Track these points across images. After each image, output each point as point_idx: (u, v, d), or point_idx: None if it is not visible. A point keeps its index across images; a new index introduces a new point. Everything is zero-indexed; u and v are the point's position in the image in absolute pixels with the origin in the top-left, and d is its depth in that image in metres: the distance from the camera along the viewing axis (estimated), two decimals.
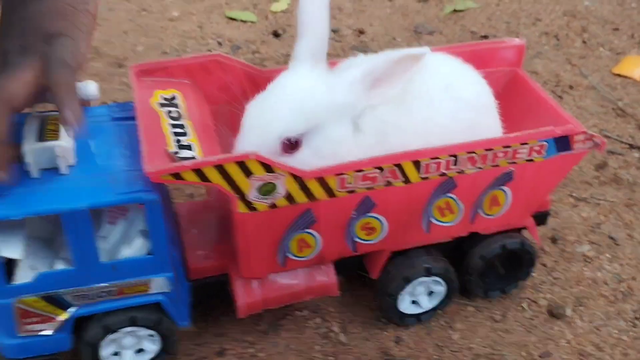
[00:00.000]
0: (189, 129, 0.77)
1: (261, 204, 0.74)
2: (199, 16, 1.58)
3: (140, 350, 0.83)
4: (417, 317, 0.91)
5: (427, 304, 0.90)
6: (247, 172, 0.71)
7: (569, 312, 0.95)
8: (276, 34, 1.52)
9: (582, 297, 0.97)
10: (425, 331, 0.91)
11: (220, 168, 0.70)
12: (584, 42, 1.52)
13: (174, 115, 0.79)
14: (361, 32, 1.54)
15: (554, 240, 1.05)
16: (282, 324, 0.92)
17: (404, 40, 1.52)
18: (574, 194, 1.13)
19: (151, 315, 0.79)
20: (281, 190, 0.73)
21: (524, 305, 0.96)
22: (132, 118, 0.79)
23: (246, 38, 1.50)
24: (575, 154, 0.83)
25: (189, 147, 0.74)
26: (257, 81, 0.86)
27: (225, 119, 0.84)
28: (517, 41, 0.95)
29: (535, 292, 0.97)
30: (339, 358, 0.88)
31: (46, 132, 0.73)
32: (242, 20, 1.57)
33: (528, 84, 0.93)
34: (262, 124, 0.74)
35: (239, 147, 0.76)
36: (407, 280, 0.86)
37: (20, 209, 0.68)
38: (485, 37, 1.51)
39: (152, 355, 0.83)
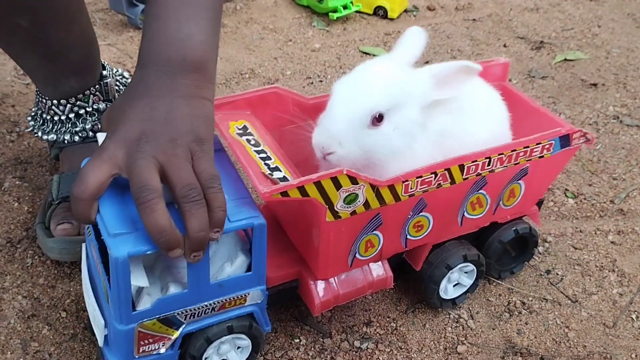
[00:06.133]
0: (269, 153, 0.87)
1: (344, 212, 0.85)
2: (337, 49, 1.81)
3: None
4: (453, 301, 1.06)
5: (467, 283, 1.05)
6: (338, 186, 0.82)
7: None
8: None
9: None
10: (543, 327, 1.05)
11: (318, 184, 0.81)
12: None
13: (252, 142, 0.88)
14: None
15: None
16: (418, 307, 1.08)
17: (519, 82, 1.70)
18: None
19: (244, 322, 0.88)
20: (361, 198, 0.85)
21: (633, 316, 1.09)
22: (216, 151, 0.88)
23: None
24: (572, 149, 1.01)
25: (278, 169, 0.84)
26: (304, 107, 0.98)
27: (282, 142, 0.95)
28: (502, 60, 1.14)
29: None
30: (469, 340, 1.03)
31: None
32: (373, 55, 1.79)
33: (518, 95, 1.11)
34: (353, 99, 0.87)
35: (325, 122, 0.87)
36: (449, 268, 1.01)
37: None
38: (595, 85, 1.68)
39: (246, 355, 0.92)
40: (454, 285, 1.06)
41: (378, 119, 0.87)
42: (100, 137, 0.82)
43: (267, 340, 1.00)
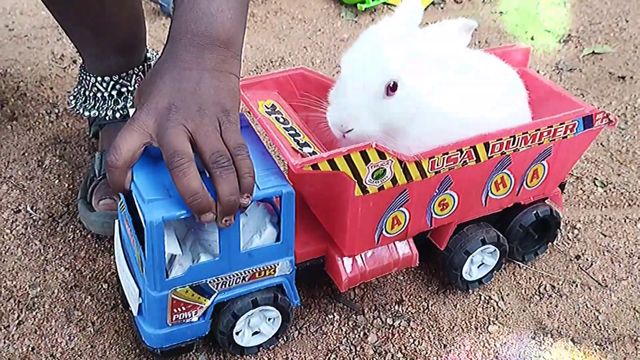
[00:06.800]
0: (298, 129, 0.89)
1: (372, 187, 0.87)
2: None
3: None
4: (479, 281, 1.07)
5: (491, 263, 1.07)
6: (367, 160, 0.84)
7: None
8: None
9: None
10: (573, 310, 1.07)
11: (347, 157, 0.83)
12: None
13: (281, 120, 0.91)
14: None
15: None
16: (449, 288, 1.09)
17: (547, 73, 1.72)
18: None
19: (268, 294, 0.90)
20: (388, 173, 0.87)
21: None
22: (243, 127, 0.90)
23: None
24: (594, 130, 1.03)
25: (307, 145, 0.86)
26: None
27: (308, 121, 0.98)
28: (524, 46, 1.15)
29: None
30: (499, 320, 1.04)
31: None
32: None
33: (539, 80, 1.12)
34: (364, 71, 0.85)
35: (339, 99, 0.87)
36: (468, 254, 1.02)
37: (187, 208, 0.77)
38: (623, 77, 1.69)
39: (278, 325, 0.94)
40: (478, 266, 1.07)
41: (392, 87, 0.86)
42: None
43: (301, 315, 1.03)
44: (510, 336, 1.02)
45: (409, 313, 1.05)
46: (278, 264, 0.88)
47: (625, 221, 1.25)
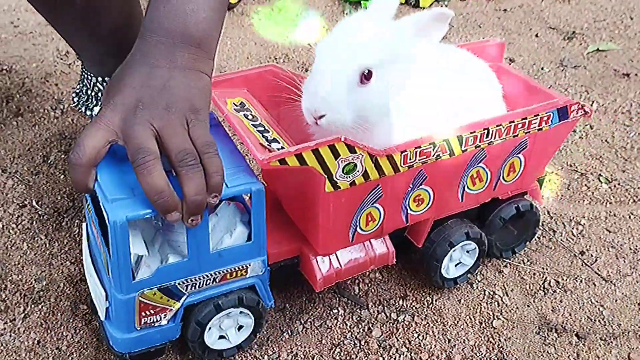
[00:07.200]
0: (267, 126, 0.88)
1: (344, 182, 0.86)
2: None
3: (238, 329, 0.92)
4: (455, 280, 1.05)
5: (468, 263, 1.05)
6: (336, 154, 0.83)
7: None
8: None
9: None
10: (578, 306, 1.06)
11: (316, 152, 0.81)
12: None
13: (250, 117, 0.89)
14: (512, 60, 1.75)
15: None
16: None
17: (551, 70, 1.71)
18: None
19: (253, 296, 0.88)
20: (360, 168, 0.86)
21: None
22: (212, 126, 0.88)
23: None
24: (570, 122, 1.02)
25: (276, 141, 0.85)
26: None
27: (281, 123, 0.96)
28: (498, 40, 1.14)
29: None
30: (504, 315, 1.03)
31: None
32: None
33: (513, 74, 1.11)
34: (339, 58, 0.83)
35: (313, 85, 0.84)
36: (452, 245, 1.00)
37: (152, 208, 0.75)
38: (627, 75, 1.69)
39: (249, 331, 0.92)
40: (455, 265, 1.05)
41: (367, 76, 0.84)
42: None
43: (305, 310, 1.03)
44: (514, 331, 1.01)
45: (414, 308, 1.04)
46: (250, 265, 0.86)
47: (630, 217, 1.24)
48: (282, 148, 0.83)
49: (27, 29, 1.78)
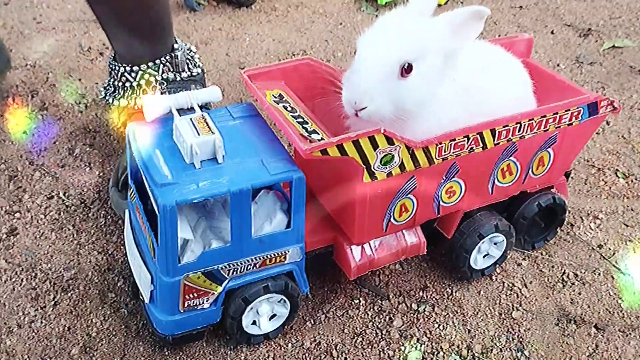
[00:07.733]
0: (306, 117, 0.90)
1: (381, 173, 0.88)
2: None
3: (273, 316, 0.95)
4: (482, 272, 1.08)
5: (496, 254, 1.07)
6: (375, 146, 0.85)
7: None
8: None
9: None
10: (596, 298, 1.08)
11: (356, 143, 0.84)
12: None
13: (289, 109, 0.91)
14: None
15: None
16: None
17: (567, 67, 1.73)
18: None
19: (280, 281, 0.91)
20: (397, 159, 0.88)
21: None
22: (252, 116, 0.91)
23: None
24: (599, 118, 1.04)
25: (315, 132, 0.87)
26: (337, 79, 1.01)
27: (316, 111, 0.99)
28: (526, 36, 1.17)
29: None
30: (523, 307, 1.05)
31: (199, 129, 0.84)
32: None
33: (541, 69, 1.13)
34: (381, 51, 0.86)
35: (355, 78, 0.87)
36: (481, 237, 1.03)
37: (200, 193, 0.78)
38: None
39: (284, 318, 0.95)
40: (483, 257, 1.08)
41: (407, 69, 0.87)
42: (146, 99, 0.86)
43: (328, 300, 1.05)
44: (533, 322, 1.03)
45: (434, 299, 1.06)
46: (288, 251, 0.88)
47: None
48: (322, 139, 0.85)
49: (50, 25, 1.81)
